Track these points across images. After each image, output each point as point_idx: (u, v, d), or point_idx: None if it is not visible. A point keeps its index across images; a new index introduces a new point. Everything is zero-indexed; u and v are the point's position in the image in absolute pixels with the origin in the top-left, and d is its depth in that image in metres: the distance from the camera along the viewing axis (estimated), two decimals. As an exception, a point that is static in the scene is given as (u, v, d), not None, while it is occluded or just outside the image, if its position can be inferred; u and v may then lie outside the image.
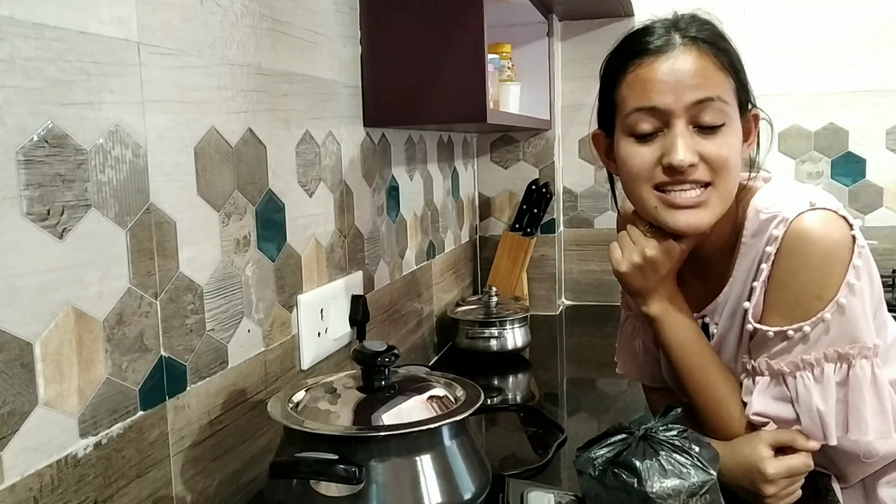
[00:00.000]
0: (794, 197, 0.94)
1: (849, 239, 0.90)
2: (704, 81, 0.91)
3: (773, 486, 0.92)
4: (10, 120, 0.64)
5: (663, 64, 0.91)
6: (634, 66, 0.93)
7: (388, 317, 1.52)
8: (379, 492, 0.78)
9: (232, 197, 0.97)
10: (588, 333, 2.08)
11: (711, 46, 0.92)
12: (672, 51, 0.92)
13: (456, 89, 1.32)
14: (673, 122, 0.91)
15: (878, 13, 2.09)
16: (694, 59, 0.91)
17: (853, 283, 0.89)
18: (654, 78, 0.91)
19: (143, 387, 0.81)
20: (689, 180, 0.92)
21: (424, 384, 0.92)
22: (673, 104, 0.90)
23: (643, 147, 0.94)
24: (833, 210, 0.91)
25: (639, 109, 0.93)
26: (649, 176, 0.94)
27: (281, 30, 1.08)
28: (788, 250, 0.91)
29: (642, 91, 0.92)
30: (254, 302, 1.02)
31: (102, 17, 0.74)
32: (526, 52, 2.09)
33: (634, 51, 0.94)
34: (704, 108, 0.90)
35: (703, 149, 0.91)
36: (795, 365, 0.92)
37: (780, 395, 0.93)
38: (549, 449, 1.20)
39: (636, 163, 0.94)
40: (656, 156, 0.93)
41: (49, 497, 0.69)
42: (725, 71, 0.92)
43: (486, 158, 2.24)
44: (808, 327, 0.90)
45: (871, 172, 2.15)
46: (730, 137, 0.92)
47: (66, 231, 0.70)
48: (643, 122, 0.93)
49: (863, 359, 0.90)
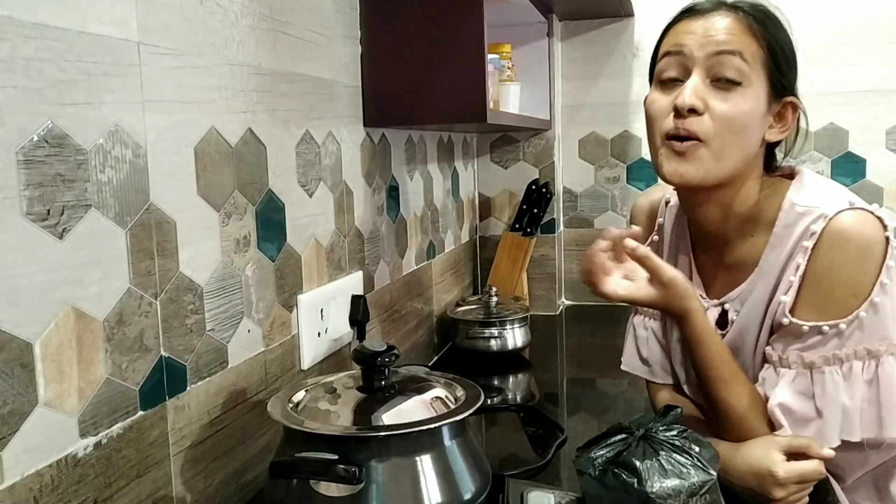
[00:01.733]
0: (833, 194, 0.96)
1: (883, 239, 0.92)
2: (730, 38, 0.94)
3: (782, 489, 0.91)
4: (10, 120, 0.64)
5: (700, 20, 0.96)
6: (676, 24, 0.99)
7: (388, 317, 1.52)
8: (379, 492, 0.78)
9: (232, 197, 0.97)
10: (588, 333, 2.08)
11: (753, 17, 0.95)
12: (712, 12, 0.96)
13: (456, 89, 1.32)
14: (693, 69, 0.95)
15: (878, 13, 2.09)
16: (728, 20, 0.95)
17: (886, 283, 0.91)
18: (686, 30, 0.97)
19: (143, 387, 0.81)
20: (690, 129, 0.93)
21: (424, 384, 0.92)
22: (696, 51, 0.94)
23: (663, 94, 0.98)
24: (870, 211, 0.93)
25: (667, 54, 0.98)
26: (662, 120, 0.97)
27: (281, 30, 1.08)
28: (826, 247, 0.92)
29: (674, 38, 0.98)
30: (254, 302, 1.02)
31: (102, 17, 0.74)
32: (526, 52, 2.09)
33: (683, 11, 0.99)
34: (723, 62, 0.93)
35: (712, 102, 0.93)
36: (826, 360, 0.93)
37: (805, 390, 0.94)
38: (549, 449, 1.20)
39: (654, 108, 0.98)
40: (672, 101, 0.95)
41: (49, 497, 0.69)
42: (758, 39, 0.94)
43: (486, 158, 2.24)
44: (844, 325, 0.92)
45: (871, 172, 2.15)
46: (743, 101, 0.94)
47: (66, 231, 0.70)
48: (668, 68, 0.97)
49: (891, 356, 0.92)
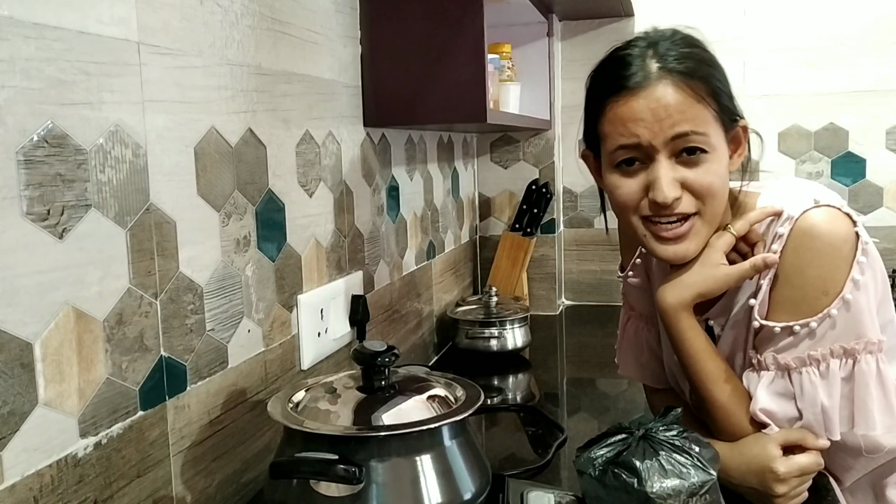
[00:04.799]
0: (798, 195, 0.95)
1: (853, 235, 0.91)
2: (682, 116, 0.90)
3: (784, 485, 0.92)
4: (10, 120, 0.64)
5: (640, 101, 0.91)
6: (612, 104, 0.93)
7: (388, 317, 1.52)
8: (379, 492, 0.78)
9: (232, 197, 0.97)
10: (588, 333, 2.08)
11: (689, 77, 0.91)
12: (648, 86, 0.91)
13: (456, 89, 1.32)
14: (655, 156, 0.92)
15: (878, 13, 2.09)
16: (671, 94, 0.90)
17: (857, 279, 0.90)
18: (632, 116, 0.91)
19: (143, 387, 0.81)
20: (675, 213, 0.93)
21: (424, 384, 0.92)
22: (653, 140, 0.91)
23: (629, 179, 0.95)
24: (837, 207, 0.92)
25: (622, 147, 0.93)
26: (636, 207, 0.95)
27: (281, 30, 1.08)
28: (794, 247, 0.92)
29: (623, 128, 0.92)
30: (254, 302, 1.02)
31: (102, 17, 0.74)
32: (526, 52, 2.09)
33: (612, 87, 0.93)
34: (684, 141, 0.91)
35: (686, 178, 0.92)
36: (802, 360, 0.92)
37: (784, 391, 0.94)
38: (549, 449, 1.20)
39: (622, 194, 0.95)
40: (642, 187, 0.94)
41: (49, 497, 0.69)
42: (704, 101, 0.91)
43: (486, 158, 2.24)
44: (815, 323, 0.91)
45: (871, 172, 2.15)
46: (713, 164, 0.92)
47: (66, 231, 0.70)
48: (627, 158, 0.94)
49: (868, 354, 0.91)
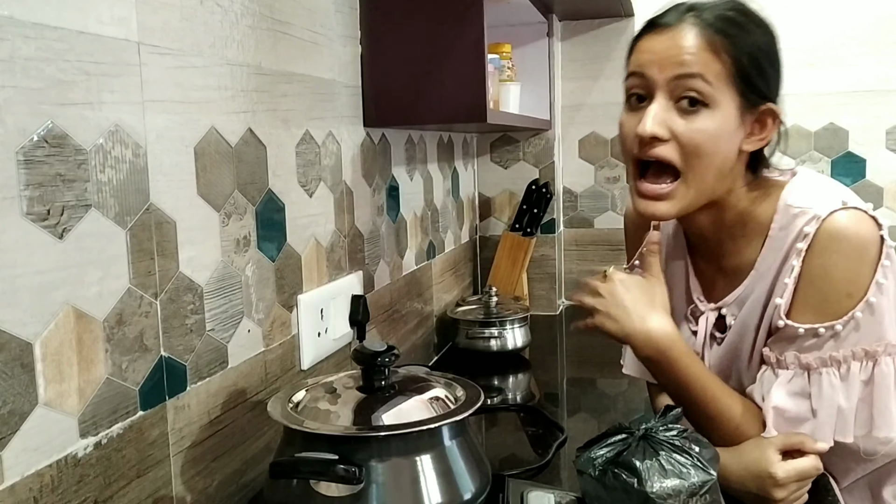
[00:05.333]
0: (826, 194, 0.95)
1: (878, 238, 0.92)
2: (690, 59, 0.91)
3: (783, 489, 0.91)
4: (10, 120, 0.64)
5: (661, 37, 0.94)
6: (642, 38, 0.97)
7: (388, 317, 1.52)
8: (379, 492, 0.78)
9: (232, 197, 0.97)
10: (588, 334, 2.07)
11: (716, 30, 0.92)
12: (674, 28, 0.93)
13: (456, 89, 1.32)
14: (655, 93, 0.93)
15: (878, 13, 2.09)
16: (690, 38, 0.92)
17: (882, 283, 0.90)
18: (648, 49, 0.95)
19: (143, 387, 0.81)
20: (655, 154, 0.93)
21: (424, 384, 0.92)
22: (656, 74, 0.93)
23: (631, 115, 0.97)
24: (863, 210, 0.93)
25: (631, 74, 0.96)
26: (631, 145, 0.96)
27: (281, 30, 1.08)
28: (820, 248, 0.92)
29: (637, 58, 0.96)
30: (254, 302, 1.02)
31: (102, 17, 0.74)
32: (526, 52, 2.09)
33: (645, 28, 0.97)
34: (685, 85, 0.91)
35: (675, 126, 0.92)
36: (823, 361, 0.92)
37: (801, 391, 0.93)
38: (549, 449, 1.20)
39: (623, 130, 0.98)
40: (639, 123, 0.94)
41: (49, 497, 0.68)
42: (720, 55, 0.91)
43: (486, 158, 2.24)
44: (840, 326, 0.91)
45: (871, 172, 2.15)
46: (708, 121, 0.91)
47: (66, 231, 0.70)
48: (634, 88, 0.96)
49: (887, 356, 0.91)
